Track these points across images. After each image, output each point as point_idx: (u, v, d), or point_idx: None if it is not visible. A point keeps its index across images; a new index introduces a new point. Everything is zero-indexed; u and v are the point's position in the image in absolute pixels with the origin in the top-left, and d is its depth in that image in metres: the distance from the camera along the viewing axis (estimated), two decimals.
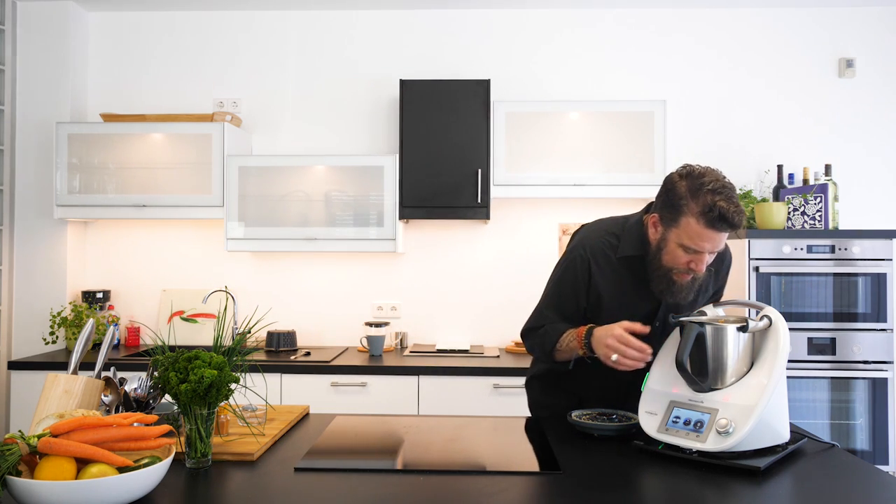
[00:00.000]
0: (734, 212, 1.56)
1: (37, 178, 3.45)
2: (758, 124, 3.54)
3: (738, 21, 3.56)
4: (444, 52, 3.60)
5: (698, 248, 1.62)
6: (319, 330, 3.57)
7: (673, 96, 3.52)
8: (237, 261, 3.60)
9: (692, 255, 1.64)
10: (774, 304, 2.94)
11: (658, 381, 1.60)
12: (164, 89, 3.64)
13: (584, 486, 1.34)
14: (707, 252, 1.63)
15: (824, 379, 2.94)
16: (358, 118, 3.61)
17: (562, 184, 3.20)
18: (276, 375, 2.97)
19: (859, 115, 3.52)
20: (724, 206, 1.56)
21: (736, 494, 1.29)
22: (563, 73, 3.57)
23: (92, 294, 3.45)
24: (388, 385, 2.96)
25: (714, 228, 1.58)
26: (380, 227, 3.24)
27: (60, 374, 1.51)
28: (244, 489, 1.33)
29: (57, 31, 3.47)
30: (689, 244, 1.62)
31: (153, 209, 3.27)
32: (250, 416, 1.67)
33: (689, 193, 1.61)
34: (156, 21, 3.66)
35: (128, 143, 3.28)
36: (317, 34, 3.63)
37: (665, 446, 1.49)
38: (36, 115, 3.46)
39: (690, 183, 1.62)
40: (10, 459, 1.13)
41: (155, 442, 1.29)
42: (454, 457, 1.56)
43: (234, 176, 3.25)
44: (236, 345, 1.50)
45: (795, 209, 3.12)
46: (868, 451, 2.93)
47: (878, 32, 3.52)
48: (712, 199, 1.57)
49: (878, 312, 2.93)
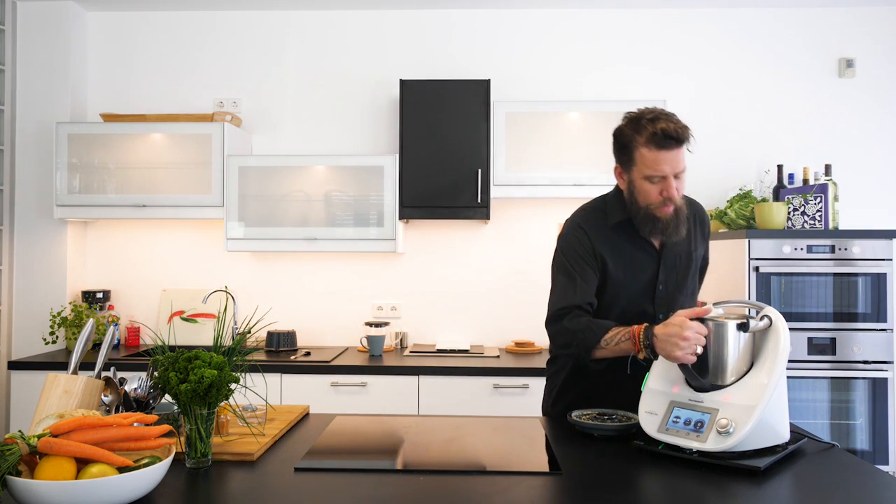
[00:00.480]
0: (677, 128, 1.68)
1: (37, 178, 3.45)
2: (758, 124, 3.54)
3: (738, 21, 3.56)
4: (444, 52, 3.60)
5: (660, 173, 1.71)
6: (319, 330, 3.57)
7: (673, 96, 3.52)
8: (237, 261, 3.60)
9: (659, 184, 1.73)
10: (774, 304, 2.94)
11: (658, 381, 1.60)
12: (164, 89, 3.64)
13: (584, 486, 1.34)
14: (670, 175, 1.72)
15: (824, 379, 2.94)
16: (358, 118, 3.61)
17: (562, 184, 3.20)
18: (276, 375, 2.96)
19: (859, 115, 3.52)
20: (665, 126, 1.69)
21: (736, 494, 1.29)
22: (563, 73, 3.57)
23: (92, 294, 3.45)
24: (388, 385, 2.96)
25: (665, 148, 1.69)
26: (380, 227, 3.24)
27: (60, 374, 1.51)
28: (244, 489, 1.33)
29: (57, 31, 3.47)
30: (650, 173, 1.72)
31: (153, 209, 3.27)
32: (250, 416, 1.67)
33: (634, 131, 1.75)
34: (156, 21, 3.66)
35: (128, 143, 3.28)
36: (317, 34, 3.63)
37: (665, 446, 1.49)
38: (36, 115, 3.46)
39: (631, 123, 1.76)
40: (10, 459, 1.13)
41: (155, 442, 1.29)
42: (454, 457, 1.56)
43: (234, 176, 3.25)
44: (236, 345, 1.50)
45: (795, 209, 3.12)
46: (868, 451, 2.93)
47: (878, 32, 3.52)
48: (653, 125, 1.70)
49: (878, 312, 2.93)
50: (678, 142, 1.69)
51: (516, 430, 1.79)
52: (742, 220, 3.19)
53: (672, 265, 1.84)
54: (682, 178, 1.75)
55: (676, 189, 1.73)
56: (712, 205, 3.52)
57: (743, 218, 3.19)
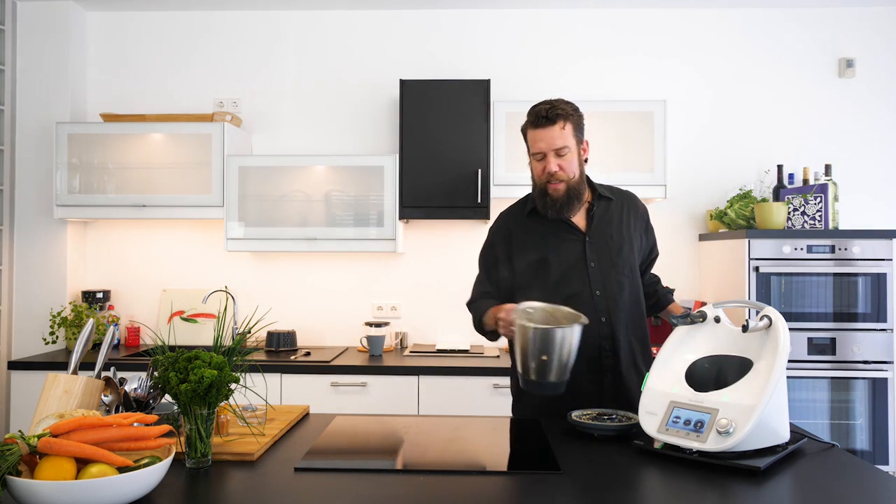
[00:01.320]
0: (546, 108, 1.85)
1: (37, 178, 3.45)
2: (758, 124, 3.54)
3: (738, 21, 3.56)
4: (444, 52, 3.60)
5: (538, 150, 1.88)
6: (319, 330, 3.57)
7: (673, 96, 3.53)
8: (237, 261, 3.60)
9: (541, 162, 1.89)
10: (774, 304, 2.94)
11: (658, 381, 1.60)
12: (164, 89, 3.64)
13: (584, 486, 1.34)
14: (547, 151, 1.87)
15: (824, 379, 2.94)
16: (358, 118, 3.61)
17: None
18: (276, 375, 2.96)
19: (859, 115, 3.52)
20: (540, 108, 1.86)
21: (736, 494, 1.29)
22: (563, 72, 3.57)
23: (92, 294, 3.45)
24: (388, 385, 2.96)
25: (539, 127, 1.86)
26: (380, 227, 3.24)
27: (60, 374, 1.51)
28: (244, 489, 1.33)
29: (57, 31, 3.47)
30: (532, 150, 1.90)
31: (153, 209, 3.27)
32: (250, 416, 1.67)
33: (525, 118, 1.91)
34: (156, 21, 3.66)
35: (128, 143, 3.28)
36: (317, 34, 3.63)
37: (665, 446, 1.49)
38: (36, 115, 3.46)
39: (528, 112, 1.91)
40: (10, 459, 1.13)
41: (155, 442, 1.28)
42: (454, 457, 1.56)
43: (234, 176, 3.25)
44: (236, 345, 1.50)
45: (795, 209, 3.12)
46: (868, 451, 2.93)
47: (878, 32, 3.52)
48: (534, 109, 1.88)
49: (878, 312, 2.93)
50: (549, 120, 1.84)
51: (516, 430, 1.79)
52: (742, 220, 3.19)
53: (602, 245, 1.94)
54: (567, 156, 1.88)
55: (559, 166, 1.87)
56: (712, 205, 3.52)
57: (743, 218, 3.19)
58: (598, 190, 2.01)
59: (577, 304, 1.80)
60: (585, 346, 1.75)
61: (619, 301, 1.91)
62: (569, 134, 1.87)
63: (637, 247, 2.01)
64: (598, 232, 1.95)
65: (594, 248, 1.93)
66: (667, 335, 1.70)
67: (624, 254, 1.95)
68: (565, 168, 1.87)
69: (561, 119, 1.85)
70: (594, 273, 1.91)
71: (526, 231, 1.98)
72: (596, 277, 1.91)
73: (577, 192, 1.91)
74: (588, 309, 1.84)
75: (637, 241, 2.01)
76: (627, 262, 1.95)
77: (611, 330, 1.90)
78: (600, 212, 1.98)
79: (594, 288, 1.90)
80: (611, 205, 2.01)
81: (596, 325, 1.87)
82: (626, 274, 1.94)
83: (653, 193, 3.22)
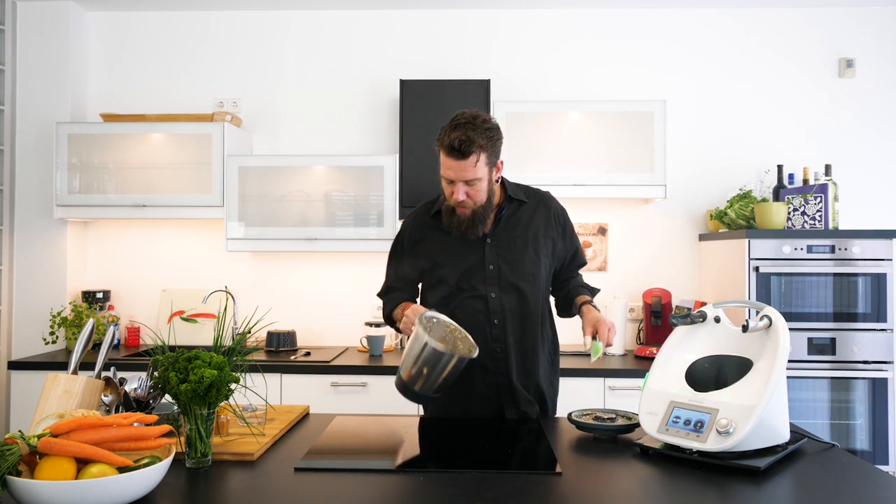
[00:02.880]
0: (460, 140, 1.75)
1: (37, 178, 3.45)
2: (758, 124, 3.54)
3: (738, 21, 3.56)
4: (444, 52, 3.60)
5: (447, 177, 1.83)
6: (319, 330, 3.57)
7: (673, 96, 3.52)
8: (237, 261, 3.60)
9: (450, 185, 1.84)
10: (774, 304, 2.94)
11: (658, 381, 1.60)
12: (164, 89, 3.64)
13: (584, 486, 1.34)
14: (456, 180, 1.81)
15: (824, 379, 2.94)
16: (358, 118, 3.61)
17: (562, 184, 3.20)
18: (276, 375, 2.96)
19: (859, 115, 3.52)
20: (453, 137, 1.77)
21: (736, 494, 1.29)
22: (563, 72, 3.57)
23: (92, 294, 3.45)
24: (388, 385, 2.93)
25: (451, 157, 1.79)
26: (380, 227, 3.24)
27: (60, 374, 1.51)
28: (244, 489, 1.33)
29: (57, 31, 3.47)
30: (443, 174, 1.85)
31: (153, 209, 3.27)
32: (250, 416, 1.67)
33: (442, 131, 1.83)
34: (156, 21, 3.66)
35: (128, 143, 3.28)
36: (317, 34, 3.63)
37: (665, 446, 1.49)
38: (36, 115, 3.46)
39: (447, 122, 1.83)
40: (10, 459, 1.13)
41: (155, 442, 1.29)
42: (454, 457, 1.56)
43: (234, 176, 3.25)
44: (236, 345, 1.50)
45: (795, 209, 3.12)
46: (868, 451, 2.93)
47: (878, 32, 3.52)
48: (449, 134, 1.79)
49: (878, 312, 2.93)
50: (462, 154, 1.77)
51: (516, 430, 1.79)
52: (742, 220, 3.19)
53: (504, 248, 1.92)
54: (476, 185, 1.82)
55: (467, 194, 1.83)
56: (712, 205, 3.52)
57: (743, 218, 3.19)
58: (510, 192, 1.98)
59: (472, 305, 1.88)
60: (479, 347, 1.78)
61: (514, 305, 1.91)
62: (481, 165, 1.81)
63: (548, 251, 1.98)
64: (501, 235, 1.94)
65: (495, 250, 1.93)
66: (667, 335, 1.70)
67: (527, 257, 1.93)
68: (473, 196, 1.85)
69: (475, 153, 1.78)
70: (491, 275, 1.91)
71: (429, 229, 1.99)
72: (492, 280, 1.91)
73: (483, 216, 1.89)
74: (481, 310, 1.89)
75: (548, 244, 1.98)
76: (529, 267, 1.93)
77: (503, 333, 1.90)
78: (508, 214, 1.96)
79: (489, 290, 1.90)
80: (522, 207, 1.99)
81: (488, 326, 1.89)
82: (526, 278, 1.92)
83: (653, 193, 3.22)
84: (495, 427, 1.81)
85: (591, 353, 1.82)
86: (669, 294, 3.39)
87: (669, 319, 1.64)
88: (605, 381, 2.93)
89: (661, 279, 3.52)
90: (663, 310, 3.32)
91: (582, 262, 2.10)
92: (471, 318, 1.88)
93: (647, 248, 3.54)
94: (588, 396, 2.89)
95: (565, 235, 2.04)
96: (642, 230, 3.55)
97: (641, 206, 3.55)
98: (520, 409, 1.91)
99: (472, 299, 1.90)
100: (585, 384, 2.90)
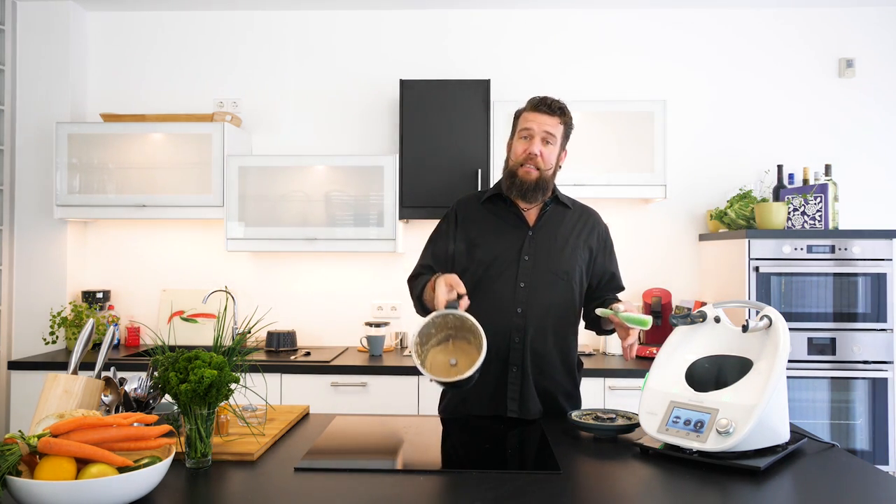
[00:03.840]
0: (553, 100, 1.94)
1: (37, 178, 3.45)
2: (758, 124, 3.54)
3: (737, 21, 3.56)
4: (444, 52, 3.60)
5: (528, 127, 1.94)
6: (319, 330, 3.57)
7: (673, 96, 3.52)
8: (237, 261, 3.60)
9: (526, 141, 1.94)
10: (774, 304, 2.94)
11: (658, 381, 1.60)
12: (164, 89, 3.64)
13: (583, 486, 1.34)
14: (536, 132, 1.92)
15: (824, 379, 2.94)
16: (358, 118, 3.61)
17: (562, 183, 3.18)
18: (276, 375, 2.96)
19: (859, 114, 3.52)
20: (544, 97, 1.95)
21: (736, 494, 1.29)
22: (563, 72, 3.57)
23: (92, 294, 3.45)
24: (388, 385, 2.96)
25: (538, 111, 1.94)
26: (380, 227, 3.24)
27: (60, 374, 1.51)
28: (244, 489, 1.33)
29: (57, 31, 3.47)
30: (521, 127, 1.96)
31: (153, 209, 3.27)
32: (250, 416, 1.67)
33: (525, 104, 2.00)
34: (156, 21, 3.66)
35: (128, 143, 3.28)
36: (317, 34, 3.63)
37: (665, 446, 1.49)
38: (36, 115, 3.46)
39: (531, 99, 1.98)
40: (10, 459, 1.13)
41: (155, 442, 1.28)
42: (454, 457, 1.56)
43: (234, 176, 3.25)
44: (236, 345, 1.50)
45: (795, 209, 3.12)
46: (868, 451, 2.93)
47: (878, 32, 3.52)
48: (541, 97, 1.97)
49: (878, 312, 2.93)
50: (550, 108, 1.93)
51: (516, 430, 1.79)
52: (742, 220, 3.19)
53: (542, 241, 1.97)
54: (550, 146, 1.94)
55: (541, 152, 1.92)
56: (712, 205, 3.52)
57: (743, 218, 3.19)
58: (558, 196, 2.03)
59: (500, 290, 1.90)
60: (496, 335, 1.81)
61: (541, 298, 1.91)
62: (560, 131, 1.95)
63: (585, 258, 1.99)
64: (543, 230, 1.98)
65: (534, 243, 1.96)
66: (667, 335, 1.70)
67: (564, 257, 1.95)
68: (545, 156, 1.92)
69: (560, 115, 1.94)
70: (524, 266, 1.93)
71: (476, 213, 2.04)
72: (525, 270, 1.93)
73: (545, 184, 1.95)
74: (507, 298, 1.90)
75: (585, 252, 2.00)
76: (564, 265, 1.95)
77: (524, 322, 1.90)
78: (552, 213, 2.01)
79: (520, 279, 1.92)
80: (566, 212, 2.04)
81: (510, 315, 1.90)
82: (560, 276, 1.94)
83: (653, 193, 3.22)
84: (495, 427, 1.81)
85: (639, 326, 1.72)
86: (669, 294, 3.39)
87: (669, 319, 1.64)
88: (605, 381, 2.93)
89: (661, 279, 3.52)
90: (663, 310, 3.32)
91: (619, 286, 2.09)
92: (497, 301, 1.90)
93: (647, 248, 3.54)
94: (588, 396, 2.88)
95: (605, 251, 2.06)
96: (642, 230, 3.55)
97: (641, 206, 3.55)
98: (525, 406, 1.89)
99: (501, 285, 1.92)
100: (585, 384, 2.88)
